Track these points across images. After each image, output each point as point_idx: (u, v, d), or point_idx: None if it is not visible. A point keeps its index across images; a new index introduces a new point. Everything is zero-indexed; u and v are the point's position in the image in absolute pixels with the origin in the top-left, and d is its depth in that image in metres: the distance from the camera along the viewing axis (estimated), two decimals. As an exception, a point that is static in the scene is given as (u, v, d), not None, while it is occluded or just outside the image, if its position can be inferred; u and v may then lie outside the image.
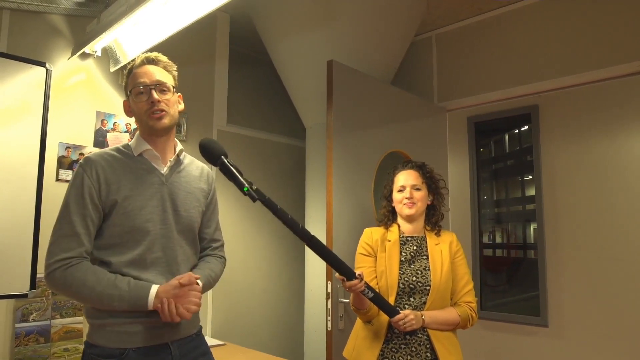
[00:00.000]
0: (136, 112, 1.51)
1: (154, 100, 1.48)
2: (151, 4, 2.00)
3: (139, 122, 1.53)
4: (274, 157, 3.52)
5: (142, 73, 1.51)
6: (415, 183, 2.02)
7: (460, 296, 1.96)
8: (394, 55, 3.18)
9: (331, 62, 2.51)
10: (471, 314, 1.94)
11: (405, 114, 3.02)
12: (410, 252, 1.98)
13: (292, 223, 1.51)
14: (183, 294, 1.40)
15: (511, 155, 4.92)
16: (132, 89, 1.51)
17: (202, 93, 3.10)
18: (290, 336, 3.43)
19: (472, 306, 1.95)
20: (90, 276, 1.35)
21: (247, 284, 3.26)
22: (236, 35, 3.39)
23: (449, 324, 1.90)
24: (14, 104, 2.09)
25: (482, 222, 4.99)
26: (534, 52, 3.02)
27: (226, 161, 1.44)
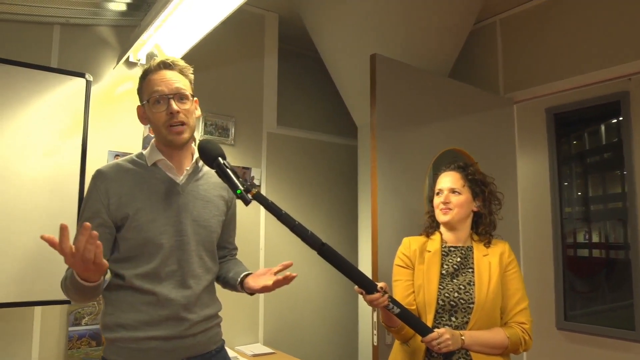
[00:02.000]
0: (153, 121, 1.44)
1: (173, 111, 1.40)
2: (182, 5, 1.96)
3: (155, 132, 1.47)
4: (325, 158, 3.40)
5: (159, 80, 1.43)
6: (454, 186, 1.79)
7: (512, 316, 1.70)
8: (451, 45, 2.94)
9: (374, 56, 2.35)
10: (523, 337, 1.67)
11: (465, 108, 2.77)
12: (453, 265, 1.76)
13: (299, 229, 1.37)
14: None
15: (598, 148, 4.42)
16: (148, 97, 1.43)
17: (251, 95, 3.06)
18: (343, 348, 3.29)
19: (526, 328, 1.68)
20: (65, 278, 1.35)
21: (300, 292, 3.17)
22: (286, 35, 3.32)
23: (495, 346, 1.64)
24: (56, 115, 2.15)
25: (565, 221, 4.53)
26: (620, 29, 2.61)
27: (222, 162, 1.34)
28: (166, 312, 1.38)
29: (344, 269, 1.44)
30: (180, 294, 1.40)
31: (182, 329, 1.39)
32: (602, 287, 4.22)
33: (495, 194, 1.87)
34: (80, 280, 1.22)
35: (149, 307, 1.37)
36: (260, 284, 1.45)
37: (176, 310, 1.39)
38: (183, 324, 1.39)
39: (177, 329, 1.38)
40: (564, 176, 4.61)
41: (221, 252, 1.65)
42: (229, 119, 2.90)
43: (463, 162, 1.91)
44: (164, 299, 1.38)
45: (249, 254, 2.94)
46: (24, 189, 2.06)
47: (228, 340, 2.76)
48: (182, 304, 1.40)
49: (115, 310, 1.39)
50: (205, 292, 1.48)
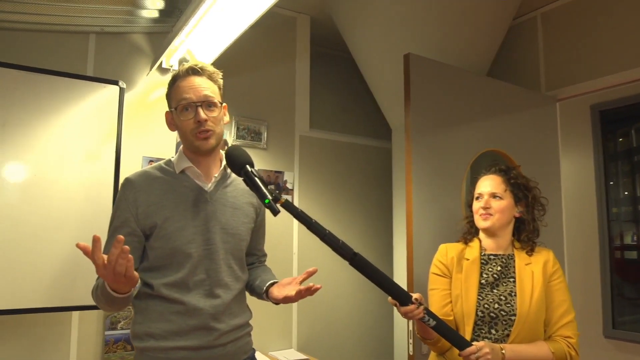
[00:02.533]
0: (180, 128, 1.42)
1: (200, 119, 1.38)
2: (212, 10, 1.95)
3: (183, 139, 1.45)
4: (359, 161, 3.35)
5: (188, 87, 1.40)
6: (495, 191, 1.69)
7: (556, 329, 1.59)
8: (488, 42, 2.84)
9: (408, 56, 2.28)
10: (569, 352, 1.56)
11: (504, 107, 2.65)
12: (493, 274, 1.67)
13: (330, 238, 1.32)
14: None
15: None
16: (177, 104, 1.41)
17: (283, 99, 3.04)
18: (378, 357, 3.22)
19: (572, 342, 1.57)
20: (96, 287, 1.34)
21: (335, 298, 3.13)
22: (317, 37, 3.29)
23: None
24: (91, 123, 2.18)
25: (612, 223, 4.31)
26: None
27: (250, 170, 1.29)
28: (195, 321, 1.36)
29: (377, 280, 1.38)
30: (208, 304, 1.38)
31: (210, 339, 1.37)
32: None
33: (539, 199, 1.76)
34: (111, 291, 1.22)
35: (177, 317, 1.36)
36: (283, 294, 1.41)
37: (205, 320, 1.37)
38: (212, 334, 1.37)
39: (205, 339, 1.37)
40: (610, 175, 4.38)
41: (250, 259, 1.63)
42: (261, 123, 2.89)
43: (505, 165, 1.81)
44: (192, 308, 1.36)
45: (282, 260, 2.92)
46: (60, 195, 2.09)
47: (261, 345, 2.75)
48: (211, 314, 1.38)
49: (144, 320, 1.38)
50: (235, 302, 1.46)
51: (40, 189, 2.04)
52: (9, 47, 2.21)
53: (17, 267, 1.98)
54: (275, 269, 2.91)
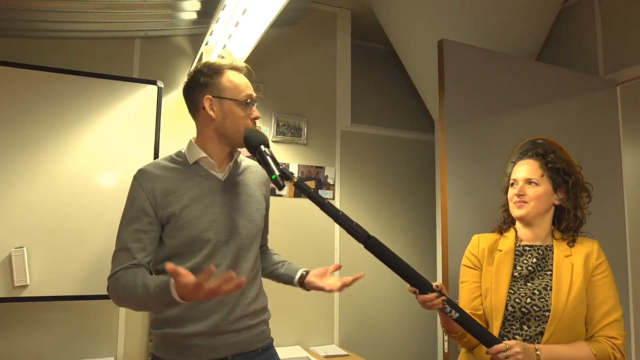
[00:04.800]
0: (235, 119, 1.42)
1: (257, 117, 1.45)
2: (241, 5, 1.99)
3: (229, 130, 1.43)
4: (402, 155, 3.27)
5: (246, 83, 1.46)
6: (530, 176, 1.56)
7: (599, 328, 1.43)
8: (538, 25, 2.67)
9: (442, 42, 2.19)
10: (614, 354, 1.40)
11: (554, 92, 2.48)
12: (528, 266, 1.53)
13: (343, 220, 1.28)
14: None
15: None
16: (239, 95, 1.42)
17: (323, 94, 3.04)
18: (422, 354, 3.11)
19: (617, 343, 1.41)
20: (127, 288, 1.31)
21: (377, 294, 3.07)
22: (358, 30, 3.26)
23: None
24: (130, 121, 2.30)
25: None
26: None
27: (263, 150, 1.33)
28: (210, 306, 1.37)
29: (393, 265, 1.32)
30: None
31: (225, 324, 1.38)
32: None
33: (582, 184, 1.61)
34: (179, 298, 1.19)
35: (192, 303, 1.35)
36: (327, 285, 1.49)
37: (220, 304, 1.38)
38: (226, 319, 1.38)
39: (220, 323, 1.38)
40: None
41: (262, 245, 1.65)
42: (301, 119, 2.90)
43: (543, 148, 1.68)
44: None
45: (324, 255, 2.91)
46: (103, 190, 2.23)
47: (303, 339, 2.76)
48: (226, 300, 1.39)
49: None
50: (251, 287, 1.47)
51: (85, 184, 2.18)
52: (60, 54, 2.38)
53: (65, 256, 2.12)
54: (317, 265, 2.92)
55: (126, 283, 1.31)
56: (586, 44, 2.86)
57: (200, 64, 1.47)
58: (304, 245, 2.84)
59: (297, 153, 2.88)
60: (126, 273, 1.33)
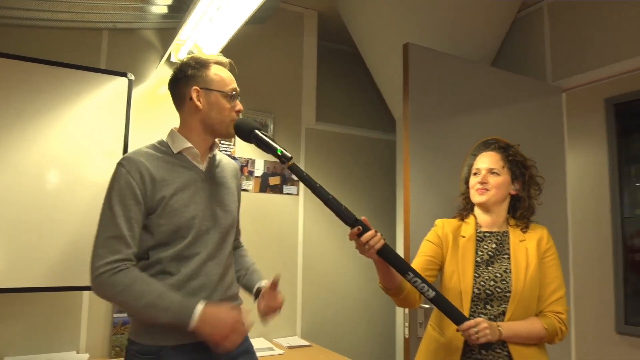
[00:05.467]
0: (220, 111, 1.48)
1: (241, 109, 1.52)
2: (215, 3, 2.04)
3: (214, 121, 1.49)
4: (365, 153, 3.40)
5: (230, 78, 1.53)
6: (493, 167, 1.71)
7: (547, 304, 1.61)
8: (493, 33, 2.85)
9: (407, 45, 2.32)
10: (560, 327, 1.59)
11: (507, 96, 2.66)
12: (488, 251, 1.69)
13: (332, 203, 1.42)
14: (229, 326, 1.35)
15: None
16: (224, 88, 1.49)
17: (290, 92, 3.11)
18: (381, 342, 3.25)
19: (562, 318, 1.60)
20: (138, 285, 1.32)
21: (338, 286, 3.18)
22: (325, 31, 3.36)
23: (533, 338, 1.57)
24: (101, 114, 2.29)
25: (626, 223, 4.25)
26: None
27: (259, 133, 1.41)
28: (191, 292, 1.41)
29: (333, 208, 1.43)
30: (204, 275, 1.44)
31: None
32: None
33: (535, 177, 1.78)
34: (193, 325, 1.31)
35: (172, 288, 1.40)
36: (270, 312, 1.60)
37: (201, 290, 1.43)
38: None
39: None
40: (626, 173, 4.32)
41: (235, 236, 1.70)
42: (268, 115, 2.96)
43: (505, 143, 1.84)
44: (189, 278, 1.42)
45: (287, 248, 2.99)
46: (71, 180, 2.21)
47: (266, 332, 2.82)
48: (207, 283, 1.44)
49: None
50: (227, 274, 1.53)
51: (52, 174, 2.16)
52: (28, 42, 2.34)
53: (30, 248, 2.09)
54: (281, 258, 2.99)
55: (133, 283, 1.32)
56: (536, 52, 3.08)
57: (187, 57, 1.53)
58: (269, 239, 2.90)
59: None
60: (131, 273, 1.33)
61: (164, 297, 1.32)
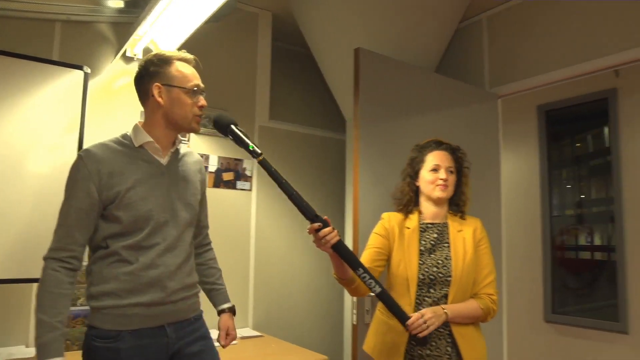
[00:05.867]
0: (182, 107, 1.53)
1: (204, 105, 1.57)
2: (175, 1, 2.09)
3: (177, 116, 1.54)
4: (316, 151, 3.53)
5: (196, 75, 1.58)
6: (450, 165, 1.89)
7: (482, 287, 1.81)
8: (437, 42, 3.06)
9: (358, 50, 2.46)
10: (492, 307, 1.80)
11: (449, 101, 2.87)
12: (430, 241, 1.86)
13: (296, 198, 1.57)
14: None
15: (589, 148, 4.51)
16: (187, 84, 1.54)
17: (244, 90, 3.18)
18: (331, 330, 3.40)
19: (494, 298, 1.81)
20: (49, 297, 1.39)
21: (289, 279, 3.30)
22: (279, 32, 3.45)
23: (472, 317, 1.77)
24: (55, 106, 2.27)
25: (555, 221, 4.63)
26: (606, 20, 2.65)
27: (235, 128, 1.54)
28: (149, 280, 1.47)
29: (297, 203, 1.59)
30: (163, 264, 1.50)
31: (163, 296, 1.49)
32: (591, 285, 4.32)
33: (468, 175, 1.99)
34: None
35: (132, 277, 1.46)
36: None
37: (159, 279, 1.48)
38: (164, 291, 1.49)
39: (158, 295, 1.48)
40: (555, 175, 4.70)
41: (195, 230, 1.73)
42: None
43: (455, 144, 2.01)
44: (147, 267, 1.47)
45: (240, 242, 3.07)
46: (24, 172, 2.19)
47: (219, 324, 2.88)
48: (164, 273, 1.50)
49: (100, 281, 1.47)
50: (186, 264, 1.59)
51: (6, 167, 2.13)
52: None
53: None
54: (233, 252, 3.06)
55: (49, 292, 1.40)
56: (475, 60, 3.32)
57: (151, 55, 1.57)
58: (222, 233, 2.96)
59: (218, 145, 3.01)
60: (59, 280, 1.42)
61: (47, 326, 1.37)
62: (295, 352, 2.54)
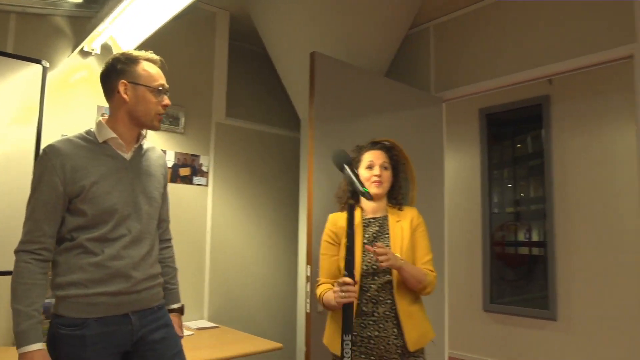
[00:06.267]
0: (145, 104, 1.61)
1: (167, 104, 1.64)
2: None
3: (140, 113, 1.61)
4: (271, 149, 3.64)
5: (159, 74, 1.66)
6: (384, 162, 2.05)
7: (422, 264, 1.99)
8: (387, 47, 3.23)
9: (314, 54, 2.59)
10: (432, 280, 1.96)
11: (397, 104, 3.05)
12: (372, 234, 2.03)
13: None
14: None
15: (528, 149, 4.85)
16: (152, 83, 1.61)
17: (201, 88, 3.25)
18: (286, 321, 3.53)
19: (434, 275, 1.99)
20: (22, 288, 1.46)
21: (243, 270, 3.40)
22: (237, 32, 3.53)
23: (417, 278, 1.89)
24: (13, 100, 2.27)
25: (495, 218, 4.98)
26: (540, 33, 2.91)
27: (347, 168, 1.72)
28: (114, 271, 1.54)
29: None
30: (127, 255, 1.57)
31: (128, 286, 1.56)
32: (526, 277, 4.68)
33: (404, 173, 2.19)
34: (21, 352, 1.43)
35: (98, 267, 1.52)
36: None
37: (124, 269, 1.55)
38: (129, 281, 1.56)
39: (123, 285, 1.55)
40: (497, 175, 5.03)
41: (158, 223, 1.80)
42: (179, 109, 3.09)
43: (389, 142, 2.18)
44: (112, 258, 1.54)
45: (196, 236, 3.14)
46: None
47: (174, 315, 2.94)
48: (129, 264, 1.57)
49: (65, 272, 1.52)
50: (149, 255, 1.66)
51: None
52: None
53: None
54: (189, 246, 3.13)
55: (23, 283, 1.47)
56: (423, 66, 3.53)
57: (118, 53, 1.64)
58: (179, 227, 3.01)
59: (175, 141, 3.06)
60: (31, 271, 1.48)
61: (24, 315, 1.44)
62: (250, 340, 2.65)
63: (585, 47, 2.69)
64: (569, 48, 2.76)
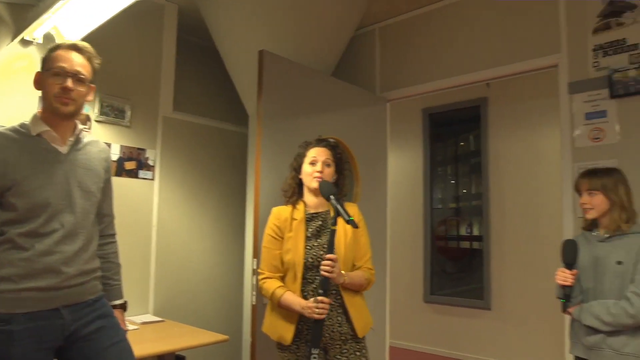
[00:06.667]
0: (45, 89, 1.58)
1: (66, 87, 1.56)
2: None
3: (45, 100, 1.60)
4: (218, 144, 3.66)
5: (66, 57, 1.59)
6: (327, 159, 2.13)
7: (362, 262, 2.11)
8: (334, 47, 3.32)
9: (262, 52, 2.64)
10: (372, 278, 2.10)
11: (343, 103, 3.15)
12: (315, 228, 2.11)
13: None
14: None
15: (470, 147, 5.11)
16: (50, 67, 1.58)
17: (148, 81, 3.22)
18: (232, 313, 3.57)
19: (372, 272, 2.12)
20: None
21: (190, 264, 3.41)
22: (185, 25, 3.51)
23: (359, 284, 2.06)
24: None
25: (436, 213, 5.21)
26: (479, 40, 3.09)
27: (333, 199, 1.92)
28: (44, 266, 1.52)
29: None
30: (60, 251, 1.56)
31: (58, 281, 1.54)
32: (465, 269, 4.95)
33: (348, 170, 2.29)
34: None
35: (27, 263, 1.50)
36: None
37: (54, 264, 1.54)
38: (60, 277, 1.55)
39: (53, 280, 1.53)
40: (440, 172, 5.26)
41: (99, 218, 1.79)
42: (125, 102, 3.05)
43: (333, 141, 2.26)
44: (43, 254, 1.52)
45: (141, 230, 3.12)
46: None
47: (119, 310, 2.92)
48: (61, 259, 1.55)
49: None
50: (84, 251, 1.64)
51: None
52: None
53: None
54: (135, 240, 3.11)
55: None
56: (368, 66, 3.65)
57: None
58: (124, 221, 2.97)
59: (120, 134, 3.03)
60: None
61: None
62: (196, 333, 2.68)
63: (516, 55, 2.89)
64: (503, 55, 2.95)
